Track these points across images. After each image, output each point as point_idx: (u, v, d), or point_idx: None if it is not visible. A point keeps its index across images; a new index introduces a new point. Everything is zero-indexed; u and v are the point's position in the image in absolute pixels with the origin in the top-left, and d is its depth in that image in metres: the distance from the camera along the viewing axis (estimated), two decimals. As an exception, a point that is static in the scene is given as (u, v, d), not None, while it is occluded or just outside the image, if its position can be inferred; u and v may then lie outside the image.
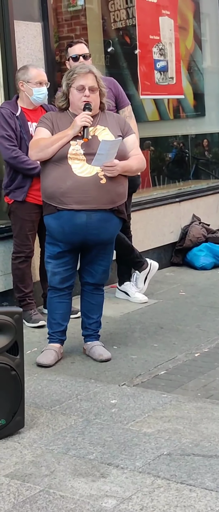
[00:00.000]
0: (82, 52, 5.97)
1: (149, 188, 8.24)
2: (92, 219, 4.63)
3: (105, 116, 4.83)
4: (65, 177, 4.61)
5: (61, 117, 4.80)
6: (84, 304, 4.95)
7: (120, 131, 4.81)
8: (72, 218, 4.62)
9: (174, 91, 8.39)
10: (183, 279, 7.22)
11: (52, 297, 4.87)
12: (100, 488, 3.13)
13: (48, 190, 4.70)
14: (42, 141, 4.71)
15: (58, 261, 4.78)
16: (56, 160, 4.65)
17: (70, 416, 3.93)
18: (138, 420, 3.84)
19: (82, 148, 4.64)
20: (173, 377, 4.51)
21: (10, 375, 3.65)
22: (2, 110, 5.66)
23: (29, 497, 3.09)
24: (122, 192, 4.76)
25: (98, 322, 4.97)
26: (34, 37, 6.30)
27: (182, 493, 3.06)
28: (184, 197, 8.20)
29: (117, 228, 4.85)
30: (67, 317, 4.92)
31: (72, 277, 4.86)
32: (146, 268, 6.48)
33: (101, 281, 4.93)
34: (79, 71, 4.73)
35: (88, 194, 4.59)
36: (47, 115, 4.93)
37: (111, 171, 4.61)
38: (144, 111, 8.19)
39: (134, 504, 2.98)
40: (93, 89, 4.72)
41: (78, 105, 4.72)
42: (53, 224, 4.72)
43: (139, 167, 4.91)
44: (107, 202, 4.65)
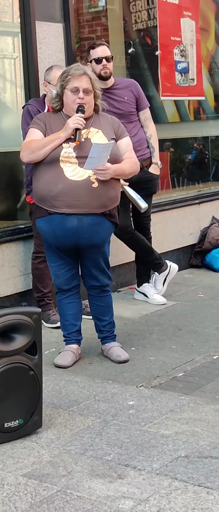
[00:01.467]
0: (105, 54, 5.97)
1: (168, 190, 8.23)
2: (84, 223, 4.58)
3: (99, 118, 4.77)
4: (57, 181, 4.56)
5: (54, 119, 4.74)
6: (94, 308, 4.92)
7: (114, 133, 4.75)
8: (63, 222, 4.58)
9: (194, 92, 8.37)
10: (201, 281, 7.20)
11: (61, 299, 4.86)
12: (117, 489, 3.13)
13: (39, 193, 4.66)
14: (34, 143, 4.65)
15: (57, 263, 4.77)
16: (48, 163, 4.60)
17: (88, 417, 3.94)
18: (156, 421, 3.84)
19: (74, 151, 4.58)
20: (191, 379, 4.50)
21: (29, 375, 3.66)
22: (29, 107, 5.67)
23: (46, 497, 3.10)
24: (114, 196, 4.69)
25: (111, 323, 4.95)
26: (55, 38, 6.32)
27: (199, 495, 3.05)
28: (204, 199, 8.17)
29: (108, 232, 4.78)
30: (79, 317, 4.91)
31: (76, 276, 4.83)
32: (166, 270, 6.47)
33: (104, 282, 4.85)
34: (74, 73, 4.66)
35: (79, 198, 4.54)
36: (40, 116, 4.88)
37: (103, 175, 4.55)
38: (164, 112, 8.18)
39: (151, 506, 2.98)
40: (88, 91, 4.66)
41: (72, 107, 4.65)
42: (45, 227, 4.68)
43: (131, 170, 4.84)
44: (99, 206, 4.60)
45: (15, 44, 6.79)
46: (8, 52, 6.92)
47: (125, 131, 4.88)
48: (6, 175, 6.60)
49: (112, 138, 4.69)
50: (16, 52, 6.72)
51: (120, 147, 4.77)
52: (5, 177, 6.61)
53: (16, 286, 5.95)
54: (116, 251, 6.66)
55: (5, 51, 6.89)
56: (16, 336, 3.65)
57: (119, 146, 4.76)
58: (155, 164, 6.30)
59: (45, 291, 5.74)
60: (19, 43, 6.37)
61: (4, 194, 6.64)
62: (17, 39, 6.52)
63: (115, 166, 4.62)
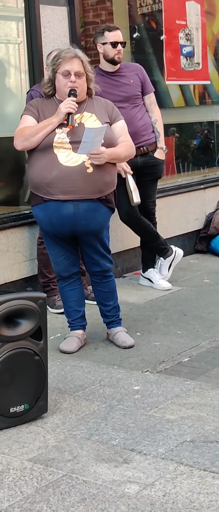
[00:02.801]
0: (120, 39, 5.98)
1: (173, 175, 8.21)
2: (80, 209, 4.54)
3: (92, 102, 4.71)
4: (51, 167, 4.52)
5: (47, 104, 4.69)
6: (98, 294, 4.90)
7: (108, 117, 4.70)
8: (59, 209, 4.54)
9: (200, 76, 8.32)
10: (207, 267, 7.19)
11: (63, 286, 4.85)
12: (123, 474, 3.13)
13: (34, 180, 4.62)
14: (26, 130, 4.61)
15: (56, 250, 4.75)
16: (41, 149, 4.56)
17: (93, 402, 3.94)
18: (161, 406, 3.84)
19: (68, 137, 4.54)
20: (197, 364, 4.49)
21: (34, 360, 3.66)
22: (32, 92, 5.64)
23: (52, 481, 3.10)
24: (110, 180, 4.64)
25: (116, 307, 4.93)
26: (59, 22, 6.29)
27: (205, 480, 3.05)
28: (209, 184, 8.15)
29: (105, 217, 4.73)
30: (82, 302, 4.90)
31: (76, 262, 4.81)
32: (171, 255, 6.46)
33: (106, 267, 4.81)
34: (65, 56, 4.60)
35: (74, 184, 4.50)
36: (33, 102, 4.80)
37: (97, 159, 4.50)
38: (170, 96, 8.14)
39: (157, 490, 2.98)
40: (80, 74, 4.60)
41: (64, 91, 4.60)
42: (41, 215, 4.65)
43: (127, 154, 4.80)
44: (95, 191, 4.56)
45: (19, 29, 6.77)
46: (12, 37, 6.90)
47: (119, 114, 4.81)
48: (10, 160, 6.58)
49: (105, 122, 4.63)
50: (21, 37, 6.70)
51: (115, 131, 4.71)
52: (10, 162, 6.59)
53: (21, 272, 5.95)
54: (121, 237, 6.65)
55: (9, 36, 6.87)
56: (21, 321, 3.65)
57: (113, 130, 4.70)
58: (160, 149, 6.27)
59: (51, 276, 5.73)
60: (23, 27, 6.34)
61: (8, 179, 6.63)
62: (21, 23, 6.49)
63: (110, 150, 4.57)
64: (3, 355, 3.58)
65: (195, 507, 2.85)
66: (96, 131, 4.47)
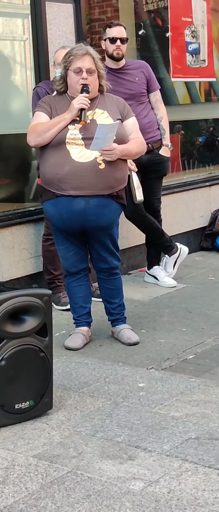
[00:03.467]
0: (120, 35, 5.96)
1: (179, 172, 8.20)
2: (90, 205, 4.57)
3: (104, 99, 4.74)
4: (63, 163, 4.55)
5: (59, 101, 4.72)
6: (104, 291, 4.92)
7: (119, 114, 4.72)
8: (70, 204, 4.57)
9: (205, 74, 8.32)
10: (212, 264, 7.18)
11: (70, 282, 4.86)
12: (127, 471, 3.14)
13: (46, 176, 4.65)
14: (40, 126, 4.63)
15: (65, 246, 4.76)
16: (54, 145, 4.58)
17: (98, 398, 3.94)
18: (166, 403, 3.84)
19: (80, 133, 4.57)
20: (201, 362, 4.49)
21: (39, 357, 3.67)
22: (38, 89, 5.65)
23: (57, 478, 3.11)
24: (121, 177, 4.67)
25: (121, 305, 4.94)
26: (65, 19, 6.29)
27: (209, 477, 3.05)
28: (214, 181, 8.14)
29: (116, 213, 4.75)
30: (88, 299, 4.91)
31: (84, 259, 4.82)
32: (176, 253, 6.46)
33: (113, 264, 4.83)
34: (76, 53, 4.63)
35: (86, 180, 4.52)
36: (45, 98, 4.84)
37: (109, 155, 4.52)
38: (175, 94, 8.13)
39: (161, 487, 2.99)
40: (91, 71, 4.63)
41: (76, 88, 4.63)
42: (52, 210, 4.67)
43: (138, 150, 4.81)
44: (106, 187, 4.58)
45: (25, 25, 6.77)
46: (18, 34, 6.90)
47: (130, 111, 4.85)
48: (16, 157, 6.59)
49: (117, 118, 4.66)
50: (26, 33, 6.70)
51: (126, 128, 4.74)
52: (16, 159, 6.60)
53: (27, 269, 5.96)
54: (127, 234, 6.65)
55: (15, 33, 6.87)
56: (26, 318, 3.66)
57: (124, 127, 4.73)
58: (165, 146, 6.27)
59: (56, 273, 5.74)
60: (29, 24, 6.34)
61: (14, 176, 6.63)
62: (27, 20, 6.49)
63: (122, 147, 4.60)
64: (9, 351, 3.59)
65: (200, 504, 2.85)
66: (109, 128, 4.50)
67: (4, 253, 5.78)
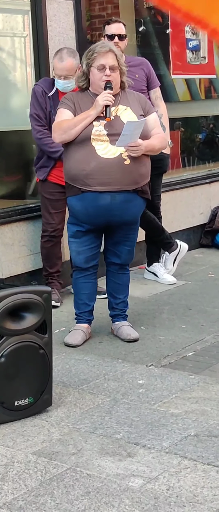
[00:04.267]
0: (118, 32, 5.93)
1: (179, 169, 8.20)
2: (116, 200, 4.62)
3: (126, 95, 4.80)
4: (89, 159, 4.59)
5: (82, 97, 4.76)
6: (110, 285, 4.95)
7: (142, 110, 4.78)
8: (96, 200, 4.61)
9: (206, 70, 8.31)
10: (212, 261, 7.18)
11: (78, 277, 4.87)
12: (127, 468, 3.14)
13: (71, 172, 4.68)
14: (65, 123, 4.68)
15: (81, 239, 4.78)
16: (79, 142, 4.63)
17: (98, 395, 3.95)
18: (165, 400, 3.84)
19: (105, 129, 4.62)
20: (201, 359, 4.50)
21: (39, 354, 3.67)
22: (36, 88, 5.65)
23: (56, 475, 3.11)
24: (145, 172, 4.73)
25: (125, 302, 4.97)
26: (65, 15, 6.29)
27: (208, 474, 3.06)
28: (214, 178, 8.14)
29: (140, 208, 4.83)
30: (93, 297, 4.92)
31: (97, 256, 4.85)
32: (176, 250, 6.46)
33: (126, 261, 4.91)
34: (100, 50, 4.68)
35: (112, 176, 4.57)
36: (68, 95, 4.88)
37: (135, 151, 4.58)
38: (175, 91, 8.13)
39: (161, 484, 2.99)
40: (114, 68, 4.68)
41: (99, 85, 4.67)
42: (77, 205, 4.71)
43: (161, 146, 4.88)
44: (131, 183, 4.63)
45: (25, 22, 6.76)
46: (18, 30, 6.89)
47: (151, 107, 4.94)
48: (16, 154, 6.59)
49: (140, 114, 4.72)
50: (26, 30, 6.69)
51: (148, 123, 4.78)
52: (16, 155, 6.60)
53: (26, 265, 5.96)
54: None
55: (15, 30, 6.86)
56: (26, 315, 3.66)
57: (147, 123, 4.77)
58: (165, 143, 6.26)
59: (51, 270, 5.74)
60: (29, 21, 6.34)
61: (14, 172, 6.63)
62: (27, 17, 6.48)
63: (146, 142, 4.65)
64: (8, 348, 3.59)
65: (199, 501, 2.85)
66: (136, 125, 4.55)
67: (4, 250, 5.79)
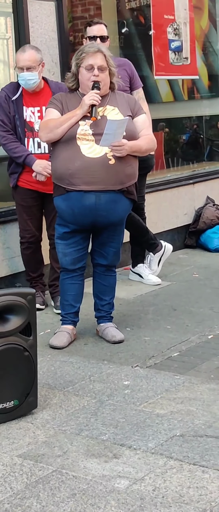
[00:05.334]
0: (100, 33, 5.92)
1: (162, 170, 8.21)
2: (101, 200, 4.61)
3: (115, 96, 4.80)
4: (74, 158, 4.60)
5: (71, 98, 4.77)
6: (97, 286, 4.94)
7: (130, 111, 4.78)
8: (81, 199, 4.61)
9: (188, 71, 8.33)
10: (196, 261, 7.20)
11: (64, 278, 4.87)
12: (113, 469, 3.13)
13: (57, 171, 4.69)
14: (51, 122, 4.69)
15: (68, 241, 4.77)
16: (65, 141, 4.64)
17: (83, 397, 3.94)
18: (151, 401, 3.84)
19: (91, 129, 4.62)
20: (186, 359, 4.50)
21: (23, 356, 3.65)
22: (1, 93, 5.59)
23: (42, 477, 3.10)
24: (131, 172, 4.72)
25: (111, 304, 4.97)
26: (47, 17, 6.28)
27: (194, 474, 3.05)
28: (198, 179, 8.16)
29: (126, 209, 4.81)
30: (79, 299, 4.91)
31: (84, 258, 4.85)
32: (160, 250, 6.46)
33: (113, 262, 4.91)
34: (88, 50, 4.69)
35: (96, 175, 4.57)
36: (57, 96, 4.89)
37: (119, 151, 4.57)
38: (158, 91, 8.14)
39: (147, 485, 2.98)
40: (103, 68, 4.69)
41: (87, 85, 4.68)
42: (63, 205, 4.70)
43: (148, 147, 4.86)
44: (116, 183, 4.63)
45: (7, 24, 6.74)
46: (1, 32, 6.88)
47: (141, 108, 4.92)
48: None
49: (128, 115, 4.71)
50: (9, 32, 6.68)
51: (137, 124, 4.78)
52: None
53: (11, 268, 5.94)
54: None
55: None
56: (10, 317, 3.64)
57: (135, 124, 4.78)
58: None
59: (33, 275, 5.68)
60: (11, 23, 6.32)
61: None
62: (10, 19, 6.47)
63: (131, 143, 4.64)
64: (-8, 351, 3.58)
65: (185, 501, 2.85)
66: (118, 123, 4.54)
67: (-12, 253, 5.76)
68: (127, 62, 6.23)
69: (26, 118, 5.43)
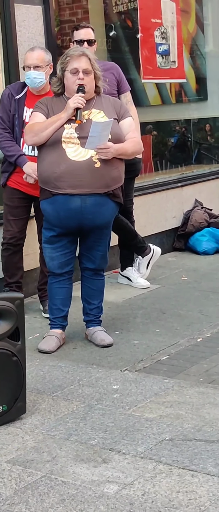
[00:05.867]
0: (87, 37, 5.91)
1: (151, 173, 8.21)
2: (87, 204, 4.61)
3: (101, 100, 4.81)
4: (60, 161, 4.60)
5: (56, 102, 4.77)
6: (85, 290, 4.93)
7: (116, 114, 4.78)
8: (66, 203, 4.60)
9: (176, 75, 8.34)
10: (185, 264, 7.20)
11: (52, 282, 4.85)
12: (102, 474, 3.12)
13: (43, 174, 4.69)
14: (36, 126, 4.69)
15: (55, 245, 4.76)
16: (50, 144, 4.64)
17: (72, 401, 3.93)
18: (140, 405, 3.83)
19: (76, 132, 4.62)
20: (175, 362, 4.50)
21: (12, 361, 3.64)
22: (5, 90, 5.60)
23: (30, 483, 3.08)
24: (117, 176, 4.72)
25: (99, 308, 4.96)
26: (35, 21, 6.26)
27: (184, 478, 3.05)
28: (186, 182, 8.17)
29: (112, 212, 4.80)
30: (68, 303, 4.90)
31: (71, 261, 4.84)
32: (149, 254, 6.47)
33: (101, 266, 4.90)
34: (73, 54, 4.70)
35: (82, 178, 4.57)
36: (42, 100, 4.89)
37: (104, 154, 4.58)
38: (146, 95, 8.15)
39: (136, 490, 2.98)
40: (87, 72, 4.69)
41: (72, 88, 4.69)
42: (49, 209, 4.70)
43: (134, 150, 4.86)
44: (102, 186, 4.62)
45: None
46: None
47: (127, 111, 4.93)
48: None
49: (114, 118, 4.71)
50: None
51: (123, 127, 4.78)
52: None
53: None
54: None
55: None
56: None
57: (121, 127, 4.78)
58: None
59: (10, 280, 5.54)
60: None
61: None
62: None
63: (117, 146, 4.64)
64: (-19, 356, 3.56)
65: (174, 505, 2.84)
66: (103, 125, 4.55)
67: None
68: (115, 65, 6.23)
69: (25, 119, 5.41)
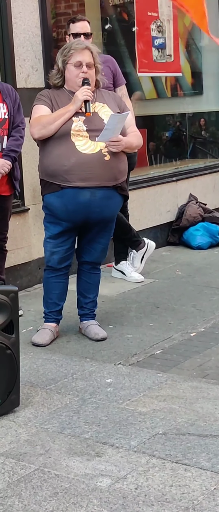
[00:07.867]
0: (83, 30, 5.90)
1: (145, 167, 8.22)
2: (96, 197, 4.60)
3: (101, 94, 4.82)
4: (69, 154, 4.57)
5: (59, 94, 4.76)
6: (81, 284, 4.93)
7: (118, 108, 4.79)
8: (76, 196, 4.59)
9: (171, 68, 8.34)
10: (179, 259, 7.21)
11: (49, 277, 4.84)
12: (95, 467, 3.13)
13: (50, 168, 4.65)
14: (44, 118, 4.66)
15: (58, 240, 4.74)
16: (58, 137, 4.61)
17: (66, 395, 3.93)
18: (133, 399, 3.83)
19: (85, 125, 4.61)
20: (169, 357, 4.50)
21: (5, 354, 3.64)
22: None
23: (24, 476, 3.08)
24: (124, 169, 4.75)
25: (94, 302, 4.96)
26: (31, 13, 6.24)
27: (177, 472, 3.06)
28: (181, 176, 8.17)
29: (118, 205, 4.84)
30: (63, 297, 4.90)
31: (70, 257, 4.84)
32: (143, 248, 6.47)
33: (100, 259, 4.90)
34: (76, 47, 4.70)
35: (92, 171, 4.56)
36: (44, 92, 4.87)
37: (116, 146, 4.58)
38: (142, 88, 8.14)
39: (129, 484, 2.98)
40: (90, 66, 4.70)
41: (75, 82, 4.68)
42: (56, 202, 4.67)
43: (137, 143, 4.92)
44: (111, 179, 4.63)
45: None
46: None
47: (126, 105, 4.97)
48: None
49: (117, 112, 4.71)
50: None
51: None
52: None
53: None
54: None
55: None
56: (-8, 315, 3.62)
57: None
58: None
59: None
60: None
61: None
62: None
63: (125, 139, 4.67)
64: None
65: (167, 499, 2.85)
66: (119, 118, 4.57)
67: None
68: (110, 58, 6.22)
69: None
